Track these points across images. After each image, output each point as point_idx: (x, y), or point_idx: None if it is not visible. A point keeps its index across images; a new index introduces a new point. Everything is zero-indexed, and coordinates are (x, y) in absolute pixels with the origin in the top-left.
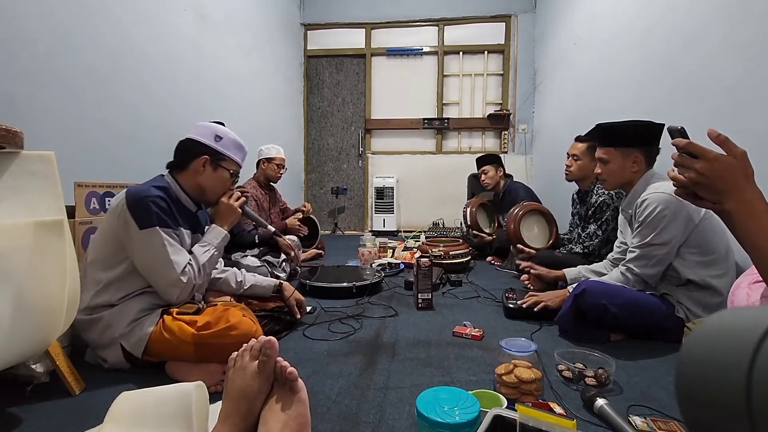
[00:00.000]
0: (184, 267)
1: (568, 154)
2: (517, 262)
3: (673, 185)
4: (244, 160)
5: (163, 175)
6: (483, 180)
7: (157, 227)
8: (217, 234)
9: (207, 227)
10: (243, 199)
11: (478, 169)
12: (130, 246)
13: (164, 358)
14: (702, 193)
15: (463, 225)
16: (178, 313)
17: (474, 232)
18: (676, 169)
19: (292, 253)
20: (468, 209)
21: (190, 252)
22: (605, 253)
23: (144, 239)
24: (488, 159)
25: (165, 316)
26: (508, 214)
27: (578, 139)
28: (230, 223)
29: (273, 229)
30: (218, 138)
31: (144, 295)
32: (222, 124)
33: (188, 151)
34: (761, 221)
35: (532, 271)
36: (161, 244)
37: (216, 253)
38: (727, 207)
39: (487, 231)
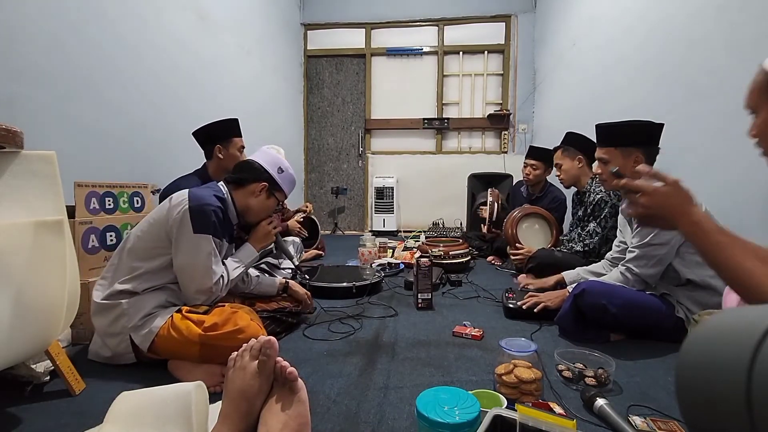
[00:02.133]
0: (218, 278)
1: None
2: (517, 281)
3: (633, 220)
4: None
5: (218, 183)
6: (527, 174)
7: (211, 236)
8: (249, 253)
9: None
10: (279, 228)
11: (527, 158)
12: (178, 244)
13: (168, 356)
14: (656, 223)
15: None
16: (187, 311)
17: (494, 230)
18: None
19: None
20: (495, 202)
21: (222, 263)
22: (605, 252)
23: (194, 242)
24: (542, 154)
25: (174, 314)
26: (506, 216)
27: (554, 149)
28: (262, 245)
29: (297, 263)
30: (281, 171)
31: (163, 290)
32: (237, 120)
33: (251, 173)
34: (715, 238)
35: (529, 287)
36: (208, 252)
37: (243, 270)
38: (681, 230)
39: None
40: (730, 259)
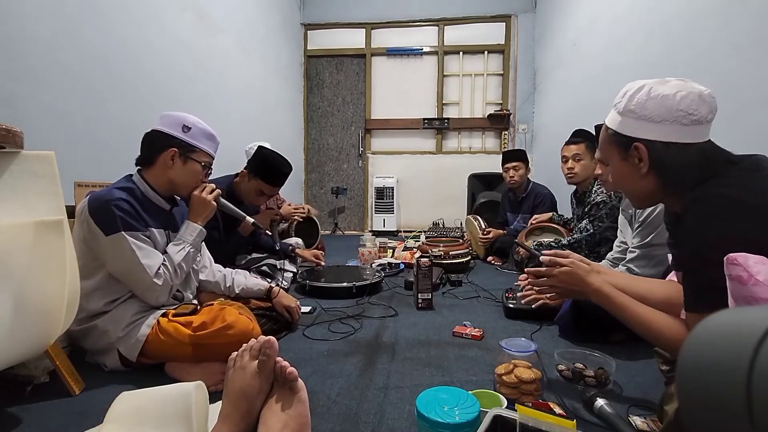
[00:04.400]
0: (158, 269)
1: (565, 156)
2: (519, 294)
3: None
4: (217, 150)
5: (130, 175)
6: (512, 176)
7: (123, 232)
8: (191, 230)
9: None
10: (217, 191)
11: (506, 162)
12: (100, 253)
13: (162, 360)
14: (569, 296)
15: (477, 227)
16: (174, 315)
17: (489, 229)
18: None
19: (321, 263)
20: (478, 219)
21: (164, 252)
22: (604, 253)
23: (111, 245)
24: (520, 155)
25: (161, 318)
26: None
27: (570, 142)
28: (204, 217)
29: (252, 220)
30: (186, 128)
31: (135, 297)
32: (285, 175)
33: (155, 144)
34: (616, 300)
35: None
36: (129, 249)
37: (192, 250)
38: (590, 298)
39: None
40: (632, 315)
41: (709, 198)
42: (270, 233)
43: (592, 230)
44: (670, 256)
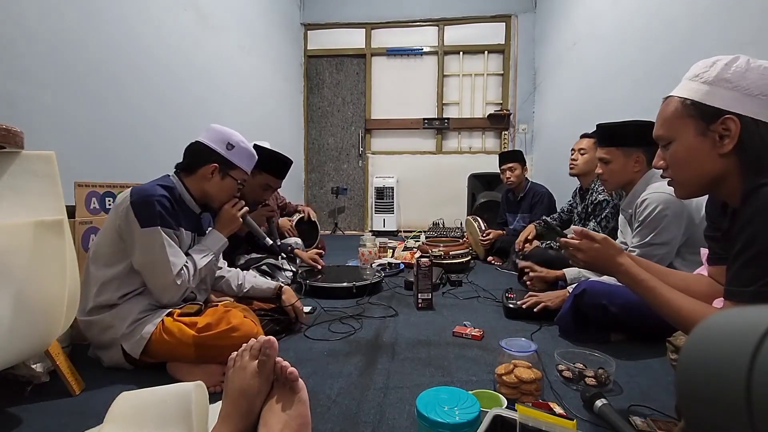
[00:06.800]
0: (180, 269)
1: (573, 149)
2: (516, 261)
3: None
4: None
5: (169, 175)
6: (508, 177)
7: (159, 227)
8: (216, 240)
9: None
10: (245, 209)
11: (502, 164)
12: (131, 244)
13: (164, 359)
14: (596, 271)
15: (477, 228)
16: (179, 315)
17: (488, 231)
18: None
19: (318, 266)
20: (478, 220)
21: (188, 254)
22: None
23: (145, 238)
24: (516, 156)
25: (165, 318)
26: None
27: (585, 135)
28: (230, 230)
29: (270, 242)
30: (230, 146)
31: (144, 294)
32: (286, 165)
33: (198, 156)
34: (645, 284)
35: (531, 273)
36: (161, 245)
37: (213, 258)
38: (617, 278)
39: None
40: (661, 299)
41: None
42: (272, 241)
43: (601, 231)
44: (704, 251)
